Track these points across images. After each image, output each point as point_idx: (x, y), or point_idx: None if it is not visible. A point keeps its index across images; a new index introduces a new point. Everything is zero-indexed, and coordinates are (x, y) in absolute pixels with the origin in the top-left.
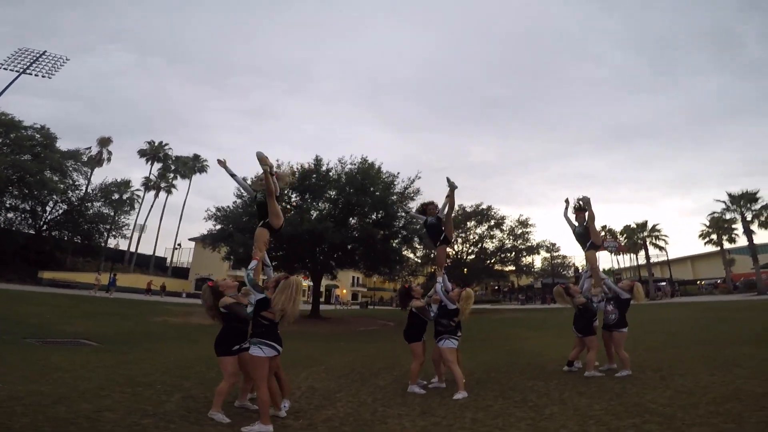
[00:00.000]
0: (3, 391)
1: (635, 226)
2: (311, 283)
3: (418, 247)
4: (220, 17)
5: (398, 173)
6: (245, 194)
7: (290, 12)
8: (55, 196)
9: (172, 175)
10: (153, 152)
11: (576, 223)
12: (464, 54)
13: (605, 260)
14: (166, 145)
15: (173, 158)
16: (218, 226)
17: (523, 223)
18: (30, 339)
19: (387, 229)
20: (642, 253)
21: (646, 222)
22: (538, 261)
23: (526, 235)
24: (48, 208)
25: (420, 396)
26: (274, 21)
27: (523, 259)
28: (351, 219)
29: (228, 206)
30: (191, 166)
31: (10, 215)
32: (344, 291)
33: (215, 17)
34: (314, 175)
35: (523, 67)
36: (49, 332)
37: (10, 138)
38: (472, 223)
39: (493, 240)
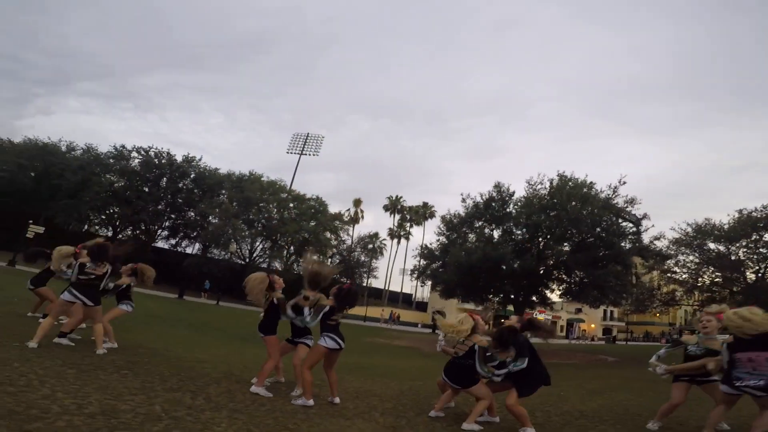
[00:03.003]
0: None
1: None
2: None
3: (678, 271)
4: (425, 68)
5: (591, 183)
6: (446, 232)
7: (487, 46)
8: (332, 250)
9: (408, 224)
10: (392, 205)
11: None
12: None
13: None
14: (401, 197)
15: (407, 209)
16: (424, 262)
17: None
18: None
19: (594, 250)
20: None
21: None
22: None
23: None
24: (329, 260)
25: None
26: (474, 58)
27: None
28: (550, 242)
29: (431, 244)
30: (422, 213)
31: None
32: (592, 326)
33: (421, 70)
34: (494, 203)
35: None
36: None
37: (300, 209)
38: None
39: None
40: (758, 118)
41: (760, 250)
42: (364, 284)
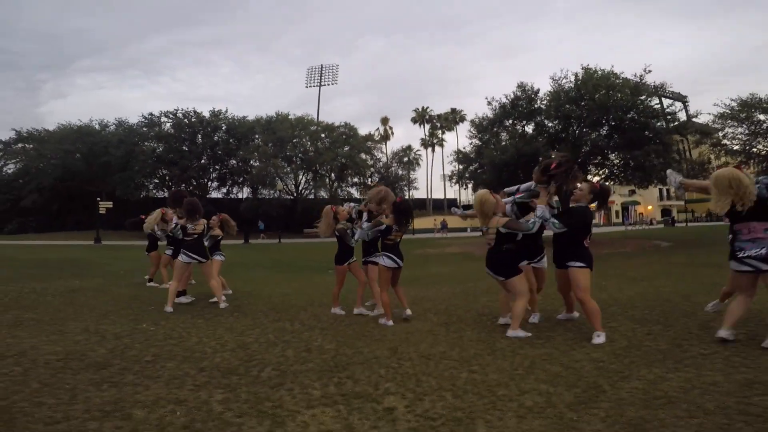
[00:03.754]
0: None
1: None
2: None
3: (728, 143)
4: None
5: (617, 73)
6: (477, 134)
7: None
8: (370, 170)
9: (440, 131)
10: (420, 117)
11: None
12: None
13: None
14: (428, 107)
15: (436, 117)
16: (461, 166)
17: None
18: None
19: (629, 132)
20: None
21: None
22: None
23: None
24: (368, 180)
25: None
26: None
27: None
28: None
29: (465, 147)
30: (451, 119)
31: (350, 189)
32: (649, 208)
33: None
34: (520, 102)
35: None
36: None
37: (332, 137)
38: None
39: None
40: None
41: None
42: (407, 197)
